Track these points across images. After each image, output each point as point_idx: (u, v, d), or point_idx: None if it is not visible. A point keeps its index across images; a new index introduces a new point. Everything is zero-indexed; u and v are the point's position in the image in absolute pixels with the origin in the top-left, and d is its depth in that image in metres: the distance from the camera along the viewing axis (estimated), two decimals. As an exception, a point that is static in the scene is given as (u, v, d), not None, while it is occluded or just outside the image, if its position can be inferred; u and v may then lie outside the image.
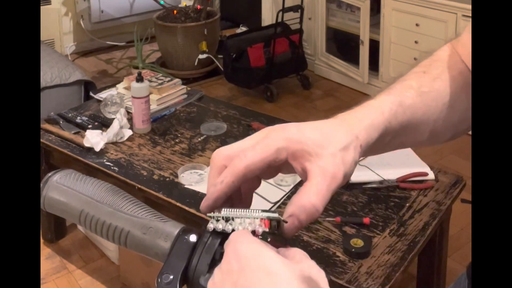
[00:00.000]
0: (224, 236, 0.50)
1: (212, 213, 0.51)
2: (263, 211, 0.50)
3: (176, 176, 1.96)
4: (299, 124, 0.56)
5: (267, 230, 0.49)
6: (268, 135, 0.54)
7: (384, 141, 0.60)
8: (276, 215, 0.50)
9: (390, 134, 0.60)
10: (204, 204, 0.54)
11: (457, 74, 0.67)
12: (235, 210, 0.51)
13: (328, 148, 0.53)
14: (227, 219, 0.50)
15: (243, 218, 0.50)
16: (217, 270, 0.47)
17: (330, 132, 0.55)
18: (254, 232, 0.49)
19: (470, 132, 0.69)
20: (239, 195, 0.56)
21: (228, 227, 0.50)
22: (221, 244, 0.50)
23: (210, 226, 0.51)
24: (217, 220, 0.50)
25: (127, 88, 2.51)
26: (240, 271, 0.44)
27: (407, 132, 0.62)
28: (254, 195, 0.58)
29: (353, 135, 0.55)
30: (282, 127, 0.55)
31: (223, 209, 0.51)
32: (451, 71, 0.66)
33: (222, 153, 0.55)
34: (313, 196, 0.51)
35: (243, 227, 0.49)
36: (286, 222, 0.51)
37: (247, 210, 0.50)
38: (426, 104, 0.63)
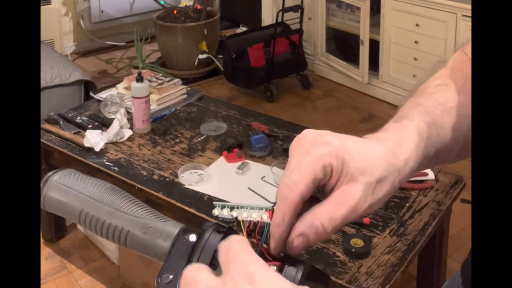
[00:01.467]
0: (223, 235, 0.50)
1: (218, 202, 0.52)
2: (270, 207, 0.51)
3: (176, 176, 1.96)
4: (341, 137, 0.51)
5: (269, 222, 0.49)
6: (310, 152, 0.50)
7: (423, 164, 0.58)
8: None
9: (426, 158, 0.58)
10: (276, 248, 0.50)
11: None
12: (239, 204, 0.51)
13: (366, 174, 0.50)
14: (232, 208, 0.50)
15: (248, 208, 0.50)
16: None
17: (373, 157, 0.52)
18: (257, 224, 0.49)
19: None
20: None
21: (233, 214, 0.50)
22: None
23: (214, 212, 0.51)
24: (222, 208, 0.51)
25: (127, 88, 2.51)
26: None
27: (439, 153, 0.60)
28: (254, 195, 0.59)
29: (395, 169, 0.53)
30: (325, 141, 0.50)
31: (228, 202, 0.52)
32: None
33: (291, 187, 0.50)
34: (325, 221, 0.49)
35: (247, 215, 0.49)
36: None
37: (252, 205, 0.51)
38: (456, 121, 0.60)
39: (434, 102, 0.61)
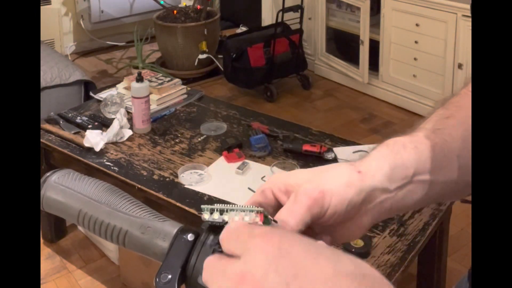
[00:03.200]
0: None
1: (205, 205, 0.51)
2: (257, 207, 0.50)
3: (176, 176, 1.96)
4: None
5: (261, 224, 0.49)
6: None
7: (407, 176, 0.57)
8: (271, 217, 0.51)
9: (408, 168, 0.57)
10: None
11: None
12: (227, 205, 0.50)
13: (307, 175, 0.54)
14: (221, 211, 0.50)
15: (238, 211, 0.49)
16: (262, 256, 0.42)
17: (315, 168, 0.56)
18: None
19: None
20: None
21: (224, 218, 0.49)
22: (219, 243, 0.50)
23: (205, 217, 0.50)
24: (211, 213, 0.50)
25: (127, 88, 2.51)
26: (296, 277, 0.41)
27: (429, 168, 0.59)
28: (252, 193, 0.59)
29: (343, 164, 0.55)
30: (269, 179, 0.57)
31: (215, 204, 0.51)
32: (466, 109, 0.63)
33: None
34: (285, 215, 0.51)
35: (239, 219, 0.49)
36: (276, 222, 0.51)
37: (241, 205, 0.50)
38: (442, 139, 0.61)
39: (418, 128, 0.63)
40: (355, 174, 0.54)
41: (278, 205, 0.54)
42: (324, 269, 0.42)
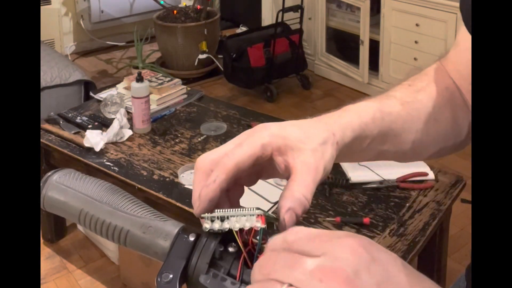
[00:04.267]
0: (223, 235, 0.50)
1: (205, 214, 0.51)
2: (257, 209, 0.50)
3: (176, 176, 1.96)
4: (279, 123, 0.58)
5: (264, 226, 0.49)
6: (252, 134, 0.55)
7: (362, 145, 0.61)
8: (271, 214, 0.51)
9: (368, 138, 0.61)
10: (199, 207, 0.53)
11: (443, 88, 0.70)
12: (226, 210, 0.50)
13: (308, 143, 0.55)
14: (222, 219, 0.50)
15: (239, 216, 0.49)
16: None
17: (309, 128, 0.57)
18: (251, 230, 0.49)
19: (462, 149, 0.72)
20: (226, 204, 0.56)
21: (225, 226, 0.49)
22: (220, 242, 0.50)
23: (206, 226, 0.50)
24: (212, 221, 0.50)
25: (127, 88, 2.51)
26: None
27: (387, 139, 0.64)
28: (254, 195, 0.59)
29: (330, 132, 0.57)
30: (264, 126, 0.57)
31: (215, 210, 0.51)
32: (436, 84, 0.69)
33: (207, 158, 0.55)
34: (303, 190, 0.52)
35: (240, 225, 0.49)
36: (277, 219, 0.51)
37: (239, 209, 0.50)
38: (408, 113, 0.65)
39: (388, 95, 0.67)
40: (335, 146, 0.57)
41: (271, 160, 0.55)
42: (412, 280, 0.43)
